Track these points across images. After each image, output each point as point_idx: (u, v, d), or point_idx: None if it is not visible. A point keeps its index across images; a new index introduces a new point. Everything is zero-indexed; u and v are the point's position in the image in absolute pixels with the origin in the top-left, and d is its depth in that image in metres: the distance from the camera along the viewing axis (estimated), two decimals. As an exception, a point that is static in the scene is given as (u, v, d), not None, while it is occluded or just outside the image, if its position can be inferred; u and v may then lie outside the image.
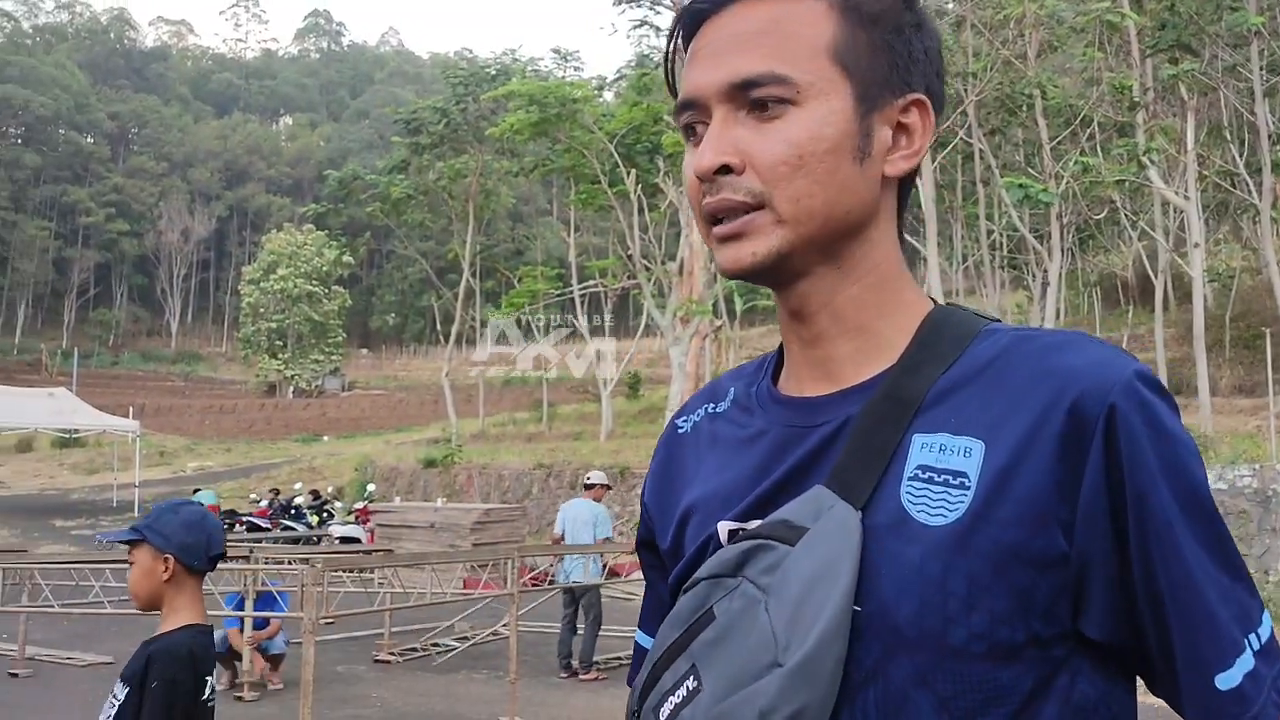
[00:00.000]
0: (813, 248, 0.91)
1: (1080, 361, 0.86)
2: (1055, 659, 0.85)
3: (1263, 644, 0.84)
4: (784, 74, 0.89)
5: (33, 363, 64.68)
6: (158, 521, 2.68)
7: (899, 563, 0.84)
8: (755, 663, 0.83)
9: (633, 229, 18.19)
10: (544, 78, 27.17)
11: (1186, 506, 0.84)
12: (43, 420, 28.32)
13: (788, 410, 0.96)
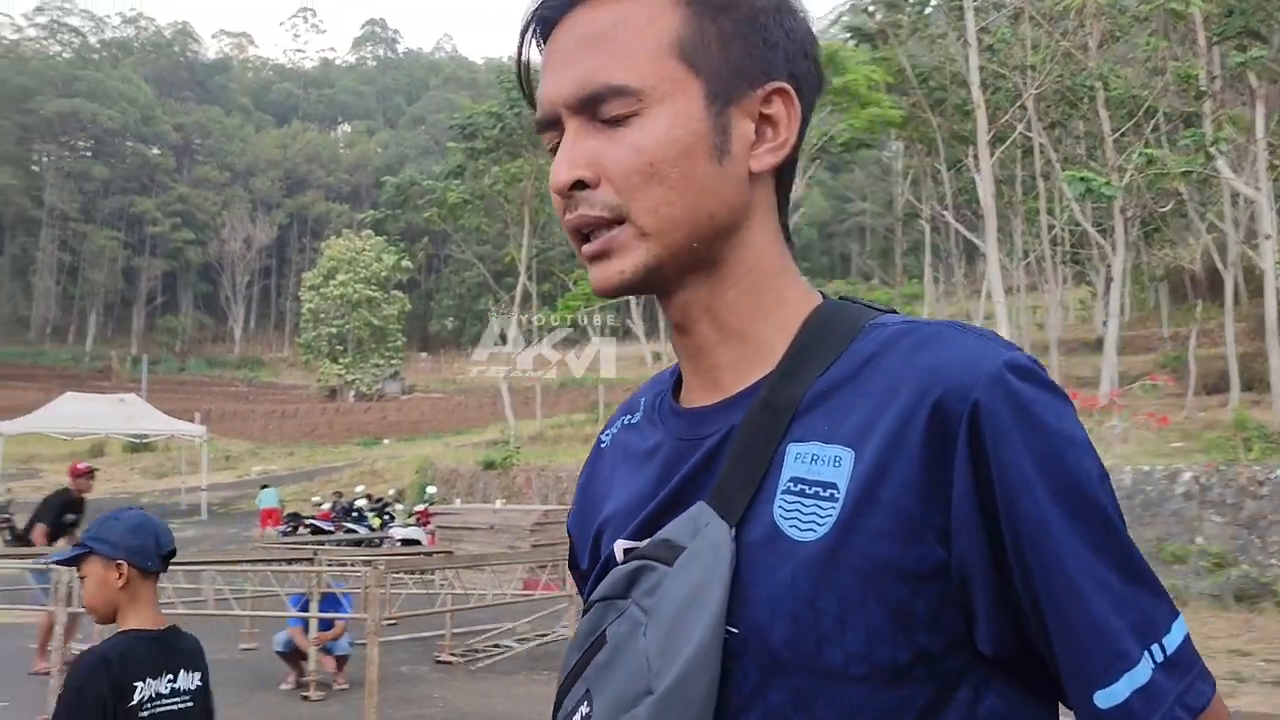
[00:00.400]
0: (682, 256, 0.87)
1: (945, 357, 0.81)
2: (950, 673, 0.80)
3: (1169, 655, 0.77)
4: (622, 84, 0.84)
5: (104, 369, 66.30)
6: (101, 530, 2.64)
7: (771, 581, 0.80)
8: (632, 689, 0.80)
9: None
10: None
11: (1068, 506, 0.77)
12: (114, 426, 29.00)
13: (680, 422, 0.93)
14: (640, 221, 0.85)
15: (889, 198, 42.90)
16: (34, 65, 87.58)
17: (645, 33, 0.86)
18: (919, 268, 36.77)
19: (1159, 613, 0.78)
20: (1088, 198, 17.31)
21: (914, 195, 31.31)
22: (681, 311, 0.91)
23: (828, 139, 20.93)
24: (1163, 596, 0.79)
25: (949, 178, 27.20)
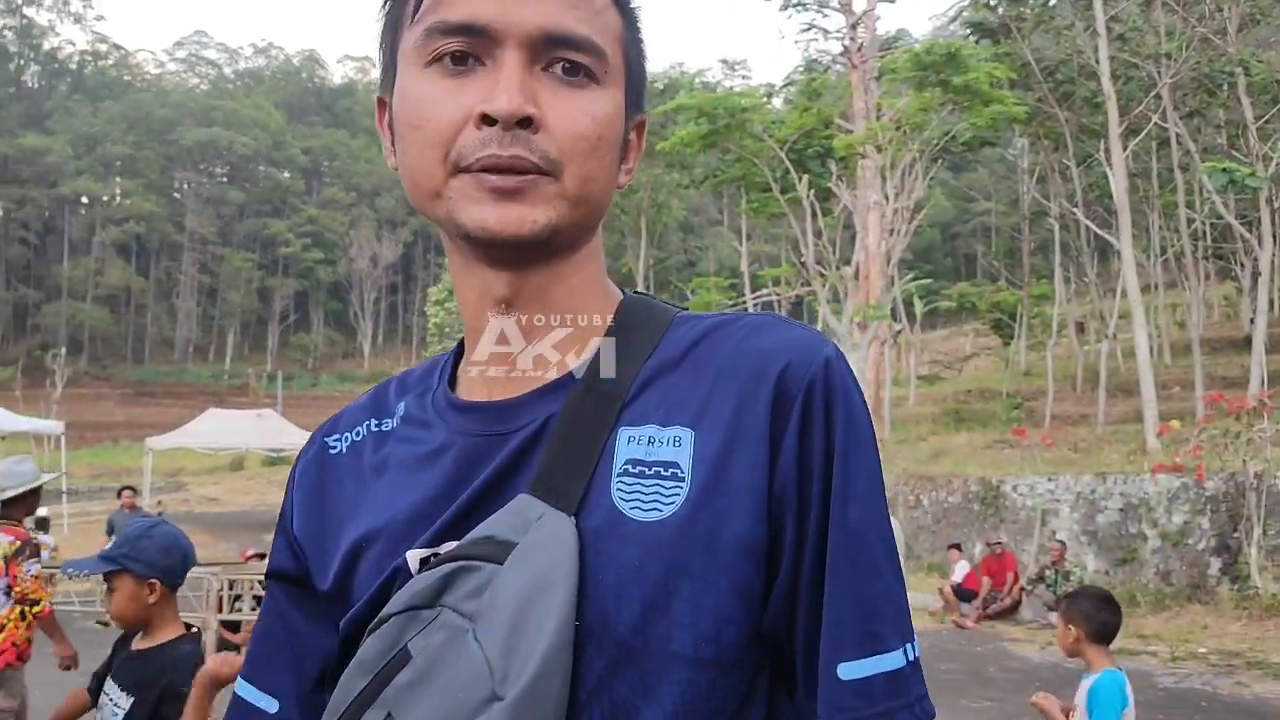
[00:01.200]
0: (574, 231, 0.84)
1: (779, 342, 0.82)
2: (759, 658, 0.80)
3: (915, 658, 0.80)
4: (601, 47, 0.82)
5: (241, 386, 69.12)
6: (135, 549, 2.73)
7: (616, 565, 0.77)
8: (468, 699, 0.74)
9: (805, 235, 17.96)
10: (712, 89, 27.21)
11: (870, 493, 0.80)
12: (252, 441, 30.11)
13: (474, 418, 0.86)
14: (567, 183, 0.81)
15: (1015, 196, 41.61)
16: (174, 97, 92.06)
17: (606, 13, 0.84)
18: (1048, 267, 35.59)
19: (909, 619, 0.80)
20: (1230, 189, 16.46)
21: (1041, 193, 30.33)
22: (521, 289, 0.85)
23: (949, 138, 20.41)
24: (908, 610, 0.81)
25: (1078, 173, 26.25)
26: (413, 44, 0.82)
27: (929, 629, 12.54)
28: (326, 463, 0.94)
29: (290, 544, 0.94)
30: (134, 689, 2.68)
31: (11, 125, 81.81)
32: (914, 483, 17.86)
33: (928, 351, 39.29)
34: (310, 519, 0.93)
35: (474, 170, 0.79)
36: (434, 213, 0.83)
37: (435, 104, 0.81)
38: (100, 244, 78.52)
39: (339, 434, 0.96)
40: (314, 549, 0.91)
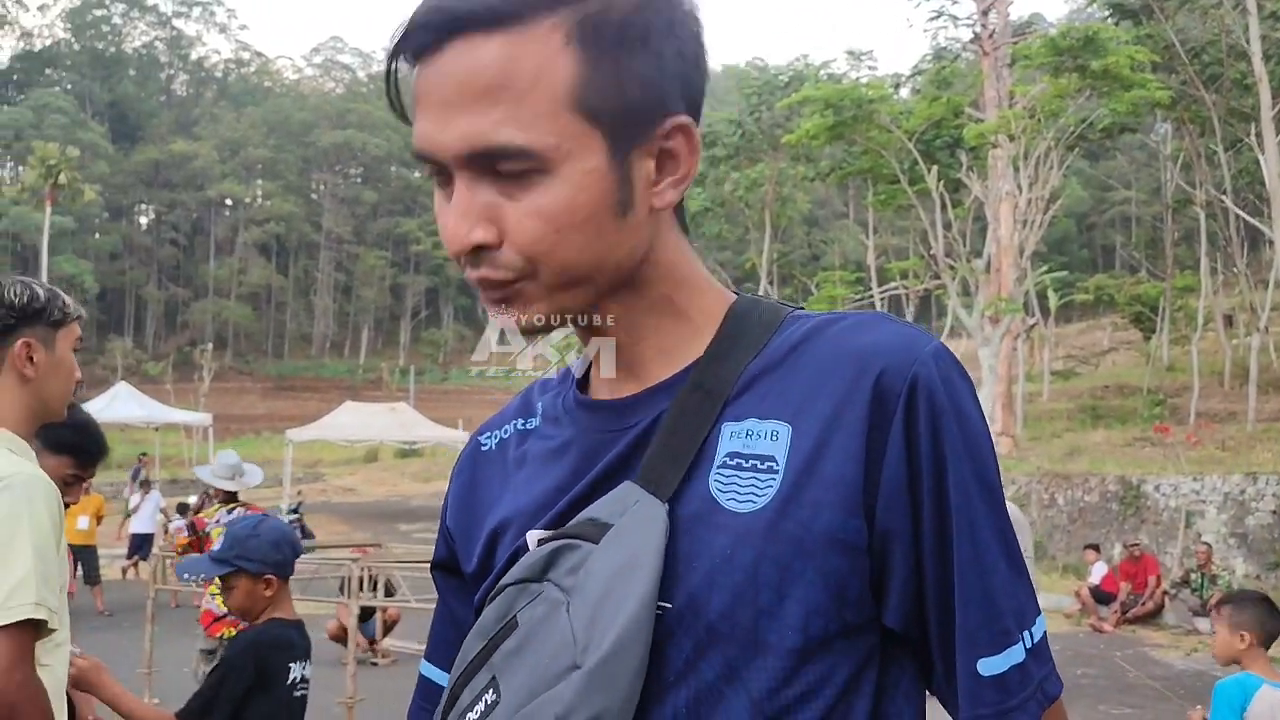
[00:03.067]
0: (588, 299, 0.86)
1: (880, 339, 0.84)
2: (865, 650, 0.82)
3: (1035, 643, 0.83)
4: (523, 145, 0.78)
5: (375, 380, 71.32)
6: (246, 549, 2.77)
7: (709, 553, 0.80)
8: (554, 667, 0.78)
9: (935, 227, 17.57)
10: (837, 80, 26.85)
11: (983, 489, 0.82)
12: (386, 433, 31.04)
13: (597, 415, 0.91)
14: (546, 279, 0.83)
15: (1156, 184, 39.92)
16: (312, 101, 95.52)
17: (540, 84, 0.79)
18: (1192, 258, 34.04)
19: (1031, 605, 0.83)
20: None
21: (1185, 180, 29.02)
22: (599, 330, 0.90)
23: (1086, 125, 19.68)
24: (1032, 593, 0.84)
25: (1226, 159, 24.99)
26: None
27: (1064, 632, 12.15)
28: (478, 459, 1.02)
29: (445, 536, 1.02)
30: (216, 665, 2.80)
31: (162, 132, 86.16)
32: (1048, 480, 17.32)
33: (1063, 346, 38.00)
34: (461, 511, 1.01)
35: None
36: None
37: (439, 220, 0.85)
38: (243, 244, 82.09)
39: (490, 432, 1.03)
40: (462, 537, 0.99)
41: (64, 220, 57.31)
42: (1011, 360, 21.84)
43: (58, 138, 58.90)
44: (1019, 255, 17.37)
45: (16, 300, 1.92)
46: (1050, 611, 13.19)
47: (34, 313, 1.94)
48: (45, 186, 44.80)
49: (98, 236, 77.23)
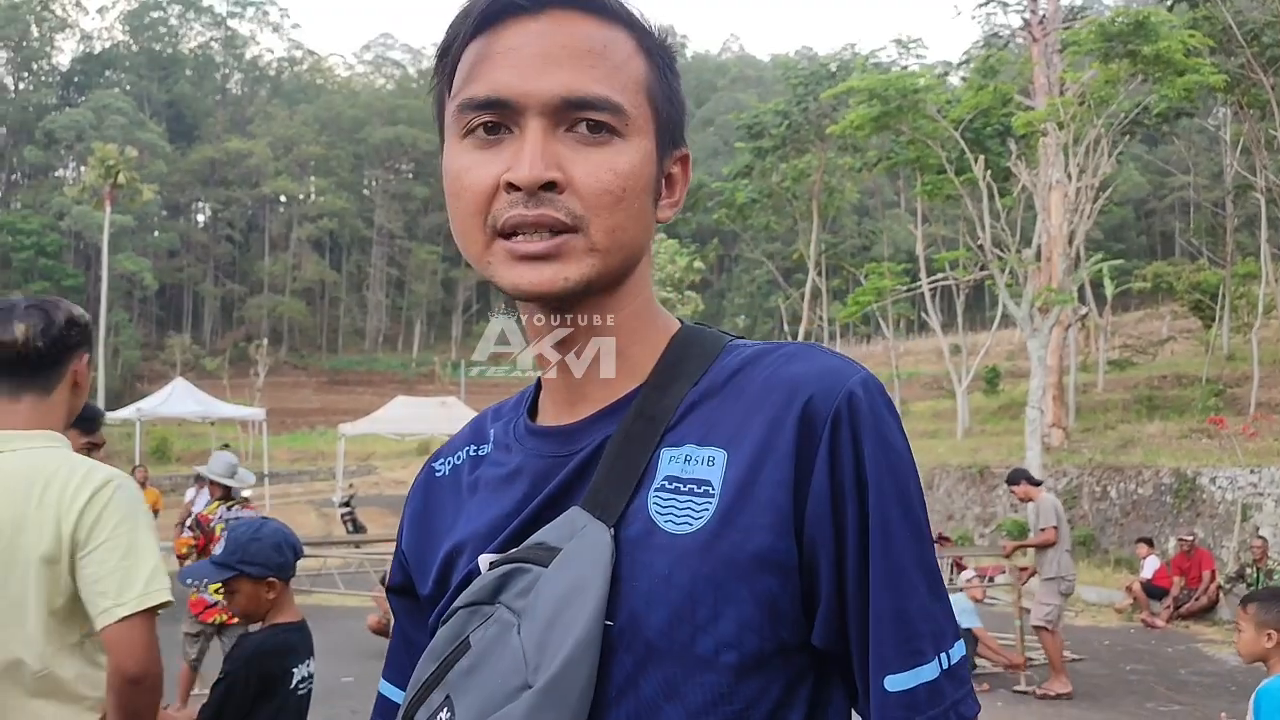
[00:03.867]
0: (610, 277, 0.91)
1: (810, 369, 0.88)
2: (799, 667, 0.86)
3: (952, 665, 0.86)
4: (619, 103, 0.88)
5: (428, 374, 72.02)
6: (247, 554, 2.78)
7: (648, 573, 0.84)
8: (506, 686, 0.82)
9: (982, 217, 17.34)
10: (885, 69, 26.58)
11: (904, 513, 0.85)
12: (438, 426, 31.28)
13: (544, 441, 0.96)
14: (595, 237, 0.88)
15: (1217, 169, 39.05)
16: (363, 98, 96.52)
17: (629, 64, 0.90)
18: (1254, 244, 33.26)
19: (950, 628, 0.87)
20: None
21: (1246, 165, 28.35)
22: (571, 329, 0.94)
23: (1140, 109, 19.29)
24: (952, 618, 0.87)
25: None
26: (451, 117, 0.91)
27: (1115, 627, 11.99)
28: (432, 485, 1.06)
29: (400, 560, 1.06)
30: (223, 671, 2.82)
31: (218, 130, 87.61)
32: (1100, 473, 17.07)
33: (1119, 335, 37.34)
34: (416, 535, 1.04)
35: (505, 234, 0.87)
36: (480, 271, 0.91)
37: (470, 174, 0.88)
38: (297, 240, 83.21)
39: (444, 459, 1.07)
40: (417, 561, 1.03)
41: (124, 219, 58.47)
42: (1062, 350, 21.51)
43: (117, 138, 60.10)
44: (1068, 244, 17.08)
45: (81, 320, 2.11)
46: (1101, 606, 13.01)
47: (90, 331, 2.15)
48: (105, 186, 45.74)
49: (156, 234, 78.76)
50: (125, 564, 1.94)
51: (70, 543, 1.92)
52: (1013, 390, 30.43)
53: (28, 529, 1.91)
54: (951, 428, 26.03)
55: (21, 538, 1.90)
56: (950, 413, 27.81)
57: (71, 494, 1.93)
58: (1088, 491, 17.05)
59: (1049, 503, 8.66)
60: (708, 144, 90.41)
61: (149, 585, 1.93)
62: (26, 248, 65.39)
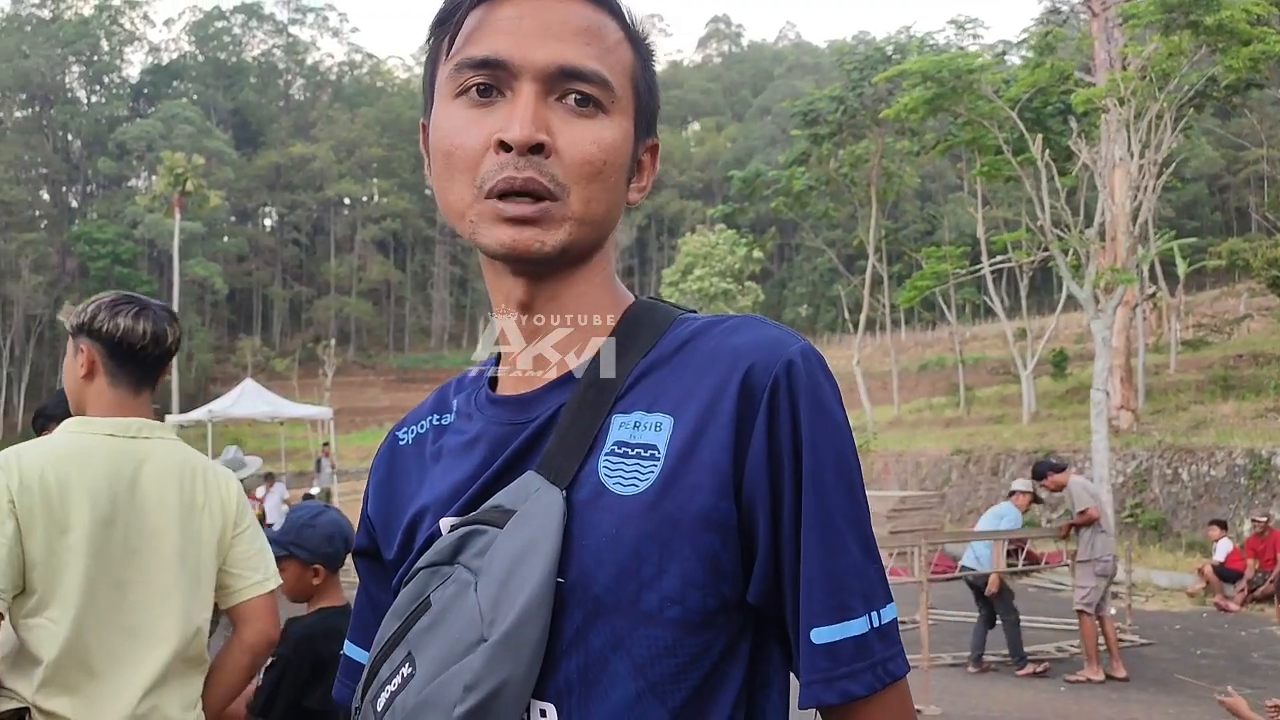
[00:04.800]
0: (582, 246, 0.95)
1: (751, 339, 0.92)
2: (740, 624, 0.90)
3: (883, 624, 0.89)
4: (609, 79, 0.93)
5: (492, 370, 72.56)
6: (300, 538, 2.86)
7: (596, 532, 0.88)
8: (463, 641, 0.86)
9: (1041, 197, 17.03)
10: (941, 51, 26.20)
11: (839, 476, 0.89)
12: (500, 421, 31.70)
13: (503, 409, 1.00)
14: (573, 207, 0.93)
15: (1292, 140, 37.84)
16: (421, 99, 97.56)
17: (618, 49, 0.96)
18: (1332, 217, 32.22)
19: (881, 590, 0.90)
20: None
21: (1320, 135, 27.41)
22: (537, 295, 0.98)
23: (1208, 82, 18.76)
24: (885, 581, 0.91)
25: (1363, 111, 23.55)
26: (446, 77, 0.96)
27: (1187, 611, 11.75)
28: (396, 453, 1.10)
29: (366, 525, 1.11)
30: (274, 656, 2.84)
31: (282, 136, 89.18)
32: (1171, 455, 16.70)
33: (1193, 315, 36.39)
34: (381, 501, 1.09)
35: (493, 195, 0.92)
36: (461, 230, 0.95)
37: (463, 132, 0.93)
38: (362, 242, 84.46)
39: (407, 428, 1.11)
40: (382, 526, 1.08)
41: (193, 225, 59.85)
42: (1130, 331, 21.05)
43: (185, 146, 61.55)
44: (1132, 222, 16.69)
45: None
46: (1173, 590, 12.75)
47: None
48: (174, 194, 46.88)
49: (225, 239, 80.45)
50: (262, 544, 2.29)
51: (232, 525, 2.22)
52: (1080, 374, 29.82)
53: (201, 512, 2.16)
54: (1017, 413, 25.63)
55: (198, 519, 2.16)
56: (1016, 398, 27.38)
57: (225, 482, 2.23)
58: (1158, 474, 16.70)
59: (1078, 485, 8.52)
60: (764, 132, 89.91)
61: (270, 567, 2.30)
62: (103, 256, 67.28)
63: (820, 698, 0.88)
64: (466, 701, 0.84)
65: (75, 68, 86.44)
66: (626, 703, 0.87)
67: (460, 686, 0.85)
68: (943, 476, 21.51)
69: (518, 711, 0.85)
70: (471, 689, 0.84)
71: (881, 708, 0.89)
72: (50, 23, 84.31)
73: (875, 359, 41.85)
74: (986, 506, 19.88)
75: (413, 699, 0.87)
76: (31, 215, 75.36)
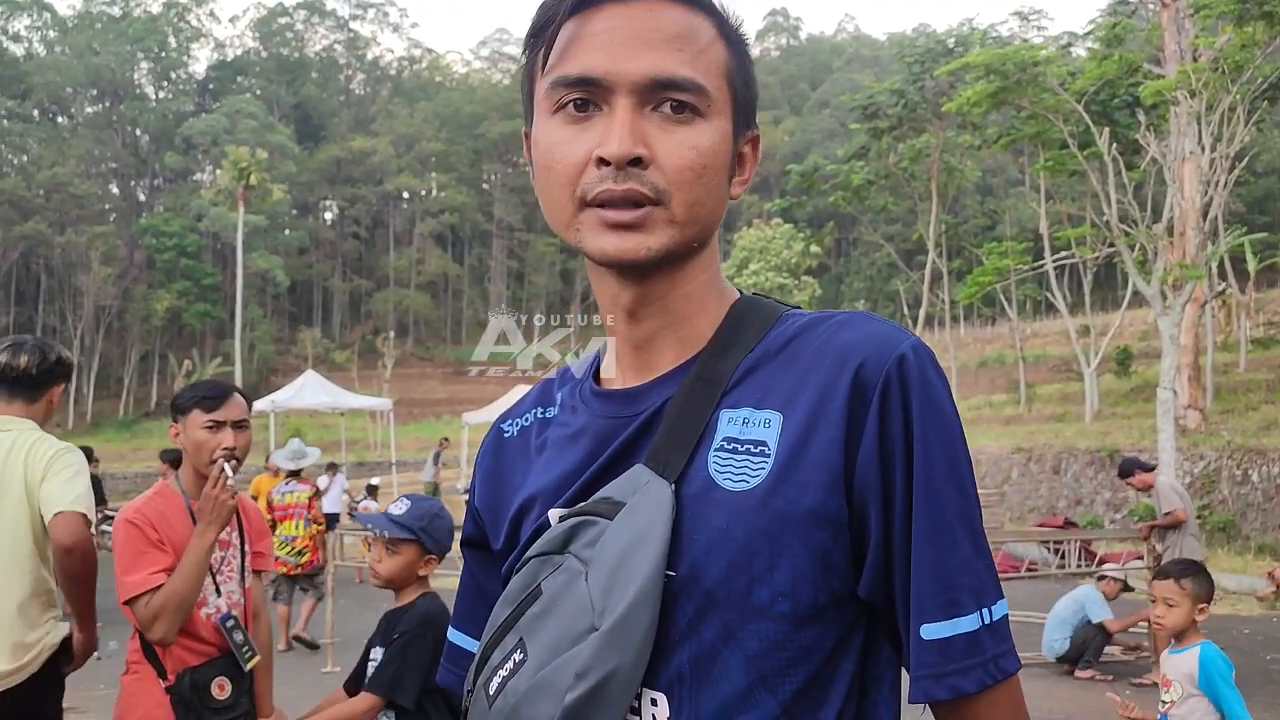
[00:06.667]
0: (686, 248, 0.96)
1: (861, 336, 0.93)
2: (851, 618, 0.91)
3: (994, 621, 0.89)
4: (703, 85, 0.94)
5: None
6: (432, 526, 2.88)
7: (707, 527, 0.89)
8: (574, 629, 0.88)
9: (1109, 192, 16.71)
10: (1005, 44, 25.81)
11: (950, 472, 0.90)
12: (555, 415, 31.82)
13: (609, 403, 1.01)
14: (676, 211, 0.94)
15: (1371, 132, 36.73)
16: (480, 93, 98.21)
17: (712, 49, 0.97)
18: None
19: (992, 587, 0.90)
20: None
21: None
22: (645, 294, 0.99)
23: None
24: (996, 577, 0.91)
25: None
26: (543, 93, 0.98)
27: (1255, 615, 11.48)
28: (501, 445, 1.13)
29: (473, 516, 1.14)
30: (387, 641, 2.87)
31: (343, 130, 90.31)
32: (1240, 456, 16.34)
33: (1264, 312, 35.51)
34: (487, 492, 1.12)
35: (595, 204, 0.94)
36: (566, 238, 0.97)
37: (562, 148, 0.95)
38: (420, 235, 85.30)
39: (512, 420, 1.14)
40: (490, 517, 1.11)
41: (256, 219, 60.86)
42: (1198, 329, 20.60)
43: (249, 141, 62.61)
44: (1202, 218, 16.32)
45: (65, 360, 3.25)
46: (1241, 594, 12.47)
47: (70, 369, 3.29)
48: (238, 188, 47.71)
49: (287, 233, 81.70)
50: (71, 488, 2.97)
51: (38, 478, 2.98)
52: (1145, 372, 29.24)
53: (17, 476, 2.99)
54: (1080, 411, 25.21)
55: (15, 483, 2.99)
56: (1078, 395, 26.94)
57: (42, 452, 3.01)
58: (1227, 475, 16.34)
59: (1165, 486, 8.39)
60: (823, 126, 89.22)
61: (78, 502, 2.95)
62: (169, 249, 68.68)
63: (931, 693, 0.88)
64: (578, 689, 0.86)
65: (144, 64, 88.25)
66: (738, 694, 0.88)
67: (571, 673, 0.87)
68: (1003, 475, 21.24)
69: (628, 699, 0.87)
70: (583, 676, 0.86)
71: (991, 705, 0.90)
72: (120, 20, 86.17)
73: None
74: (1047, 506, 19.63)
75: (525, 684, 0.89)
76: (101, 209, 77.23)
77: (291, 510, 9.32)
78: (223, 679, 2.89)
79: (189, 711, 2.82)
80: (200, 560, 2.83)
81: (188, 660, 2.87)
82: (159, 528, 2.86)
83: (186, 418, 2.94)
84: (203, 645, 2.91)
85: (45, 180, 68.60)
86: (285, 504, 9.34)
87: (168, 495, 2.98)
